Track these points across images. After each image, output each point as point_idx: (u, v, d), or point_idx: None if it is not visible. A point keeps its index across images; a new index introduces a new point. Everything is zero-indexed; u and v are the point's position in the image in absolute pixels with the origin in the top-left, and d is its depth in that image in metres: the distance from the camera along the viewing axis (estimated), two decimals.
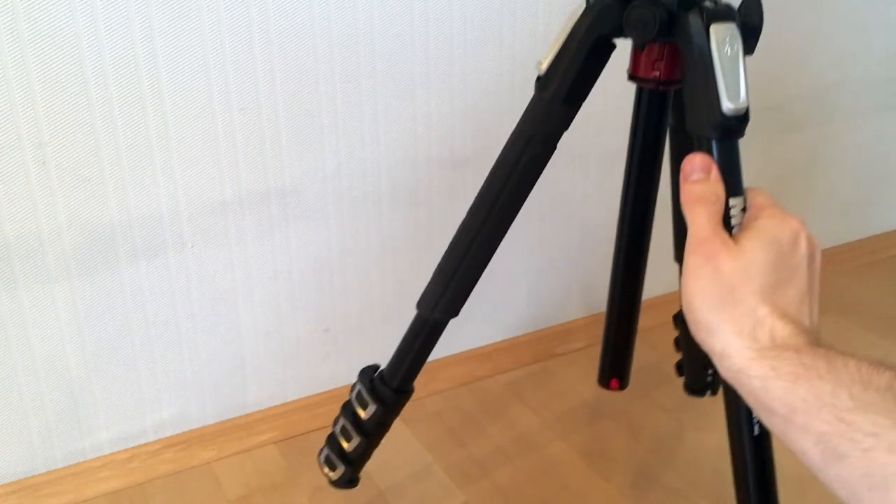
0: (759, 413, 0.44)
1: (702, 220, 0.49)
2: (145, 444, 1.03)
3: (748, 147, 0.58)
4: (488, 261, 0.70)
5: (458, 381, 1.21)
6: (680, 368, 0.97)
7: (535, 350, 1.27)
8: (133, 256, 0.93)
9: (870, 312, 1.39)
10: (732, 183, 0.53)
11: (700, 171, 0.52)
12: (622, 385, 0.82)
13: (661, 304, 1.04)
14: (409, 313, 0.75)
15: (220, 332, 1.02)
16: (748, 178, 0.56)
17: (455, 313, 0.73)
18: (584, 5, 0.61)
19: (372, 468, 0.86)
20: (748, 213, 0.53)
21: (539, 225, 1.19)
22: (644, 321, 0.98)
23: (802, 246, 0.49)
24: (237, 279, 1.01)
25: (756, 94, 1.46)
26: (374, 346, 1.14)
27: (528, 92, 0.65)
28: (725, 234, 0.49)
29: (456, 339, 1.19)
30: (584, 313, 1.30)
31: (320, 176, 1.00)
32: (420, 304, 0.74)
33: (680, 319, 0.91)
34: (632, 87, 0.67)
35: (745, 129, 0.55)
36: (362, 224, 1.06)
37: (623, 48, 0.63)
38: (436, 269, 0.72)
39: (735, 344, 0.45)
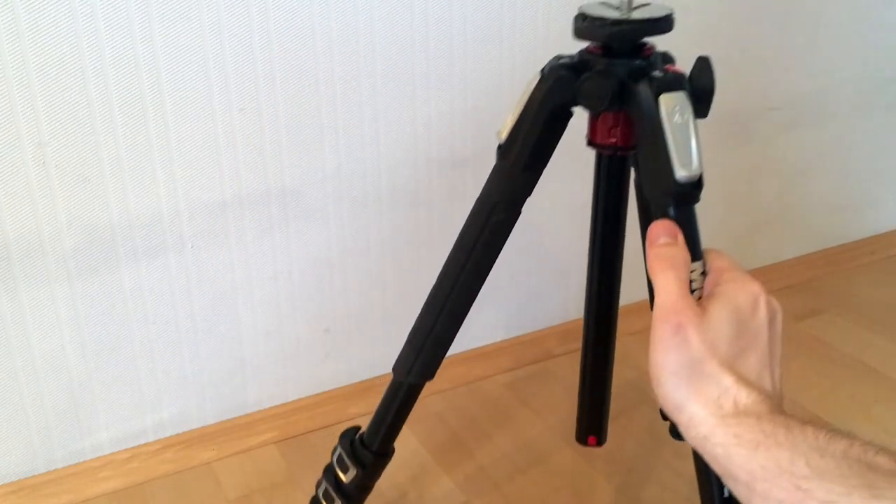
0: (725, 480, 0.45)
1: (671, 286, 0.49)
2: (145, 444, 1.03)
3: (748, 147, 0.58)
4: (459, 325, 0.72)
5: (458, 381, 1.21)
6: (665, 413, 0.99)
7: (535, 350, 1.27)
8: (133, 256, 0.93)
9: (870, 312, 1.39)
10: (691, 248, 0.54)
11: (667, 235, 0.53)
12: (599, 441, 0.83)
13: None
14: (408, 313, 0.75)
15: (220, 332, 1.02)
16: (749, 177, 0.57)
17: (430, 377, 0.74)
18: (539, 75, 0.62)
19: None
20: (709, 276, 0.54)
21: (540, 225, 1.19)
22: (642, 322, 0.98)
23: (762, 310, 0.50)
24: (237, 279, 1.01)
25: (756, 94, 1.46)
26: (374, 346, 1.14)
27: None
28: (694, 302, 0.49)
29: (456, 339, 1.19)
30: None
31: (320, 176, 1.00)
32: (395, 369, 0.75)
33: None
34: None
35: (699, 194, 0.56)
36: (362, 224, 1.06)
37: (582, 111, 0.63)
38: (409, 334, 0.74)
39: (700, 413, 0.46)
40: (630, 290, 0.80)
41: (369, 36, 0.96)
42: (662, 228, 0.53)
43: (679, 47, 0.60)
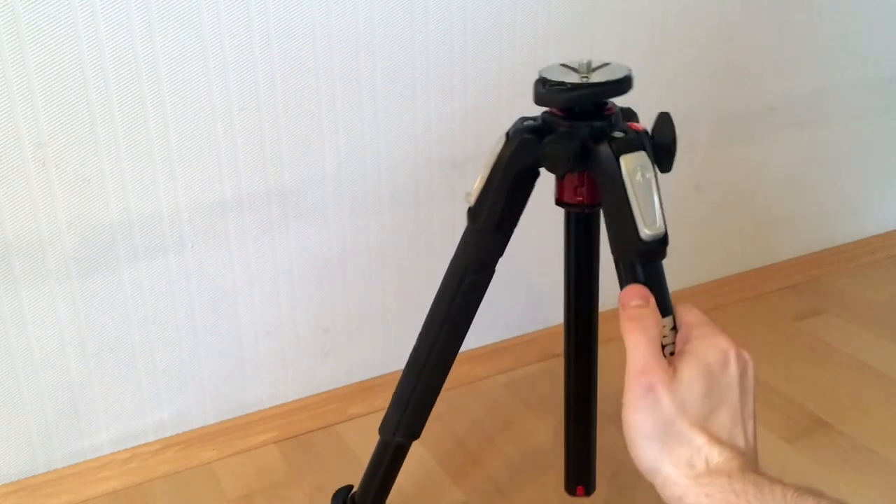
0: None
1: (642, 348, 0.50)
2: (145, 444, 1.03)
3: (748, 147, 0.58)
4: (442, 384, 0.73)
5: (458, 381, 1.21)
6: None
7: (535, 350, 1.27)
8: (133, 256, 0.93)
9: (870, 312, 1.39)
10: (660, 303, 0.55)
11: (638, 298, 0.54)
12: (588, 491, 0.84)
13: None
14: (408, 313, 0.75)
15: (220, 332, 1.02)
16: (749, 177, 0.57)
17: (416, 436, 0.76)
18: (504, 138, 0.62)
19: None
20: (680, 332, 0.54)
21: (539, 224, 1.19)
22: None
23: (732, 366, 0.50)
24: (237, 279, 1.01)
25: (756, 94, 1.46)
26: (374, 346, 1.14)
27: (528, 92, 0.65)
28: (665, 363, 0.50)
29: None
30: None
31: (320, 176, 1.00)
32: (381, 430, 0.77)
33: None
34: None
35: (665, 250, 0.57)
36: (362, 224, 1.06)
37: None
38: (393, 396, 0.75)
39: (673, 474, 0.47)
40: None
41: (369, 36, 0.96)
42: (634, 292, 0.54)
43: (679, 48, 0.60)
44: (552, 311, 1.28)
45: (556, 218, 0.70)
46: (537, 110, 0.63)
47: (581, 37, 1.09)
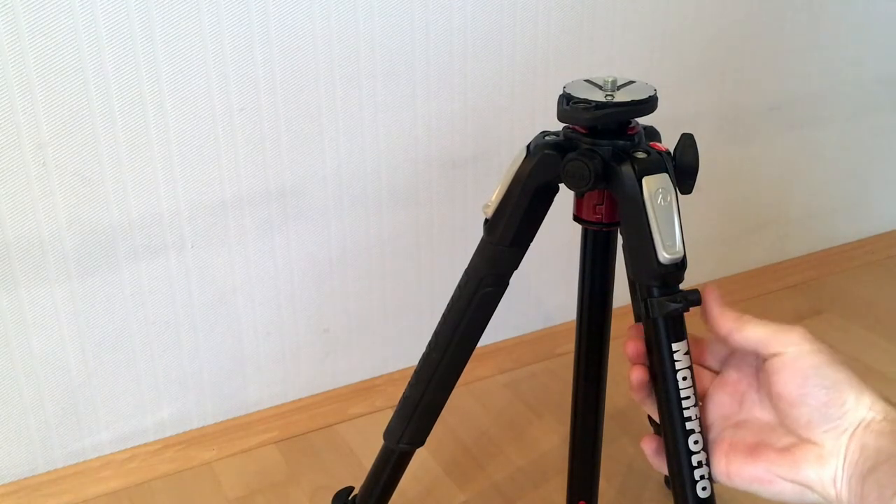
0: None
1: None
2: (145, 444, 1.03)
3: (749, 146, 0.58)
4: (448, 394, 0.73)
5: (458, 381, 1.21)
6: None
7: (535, 350, 1.27)
8: (133, 256, 0.93)
9: (870, 313, 1.39)
10: (677, 329, 0.55)
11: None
12: None
13: None
14: (408, 313, 0.75)
15: (220, 332, 1.02)
16: (749, 177, 0.56)
17: (420, 443, 0.76)
18: (524, 152, 0.62)
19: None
20: None
21: (542, 227, 1.19)
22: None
23: None
24: (237, 279, 1.01)
25: (757, 94, 1.46)
26: (374, 346, 1.14)
27: (528, 92, 0.65)
28: None
29: None
30: None
31: (320, 176, 1.00)
32: (386, 436, 0.76)
33: (655, 422, 0.92)
34: None
35: (683, 274, 0.57)
36: (362, 224, 1.06)
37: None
38: (399, 402, 0.75)
39: None
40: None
41: (369, 36, 0.96)
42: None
43: (680, 48, 0.59)
44: (552, 311, 1.28)
45: (557, 220, 0.70)
46: (536, 111, 0.63)
47: (581, 37, 1.09)
